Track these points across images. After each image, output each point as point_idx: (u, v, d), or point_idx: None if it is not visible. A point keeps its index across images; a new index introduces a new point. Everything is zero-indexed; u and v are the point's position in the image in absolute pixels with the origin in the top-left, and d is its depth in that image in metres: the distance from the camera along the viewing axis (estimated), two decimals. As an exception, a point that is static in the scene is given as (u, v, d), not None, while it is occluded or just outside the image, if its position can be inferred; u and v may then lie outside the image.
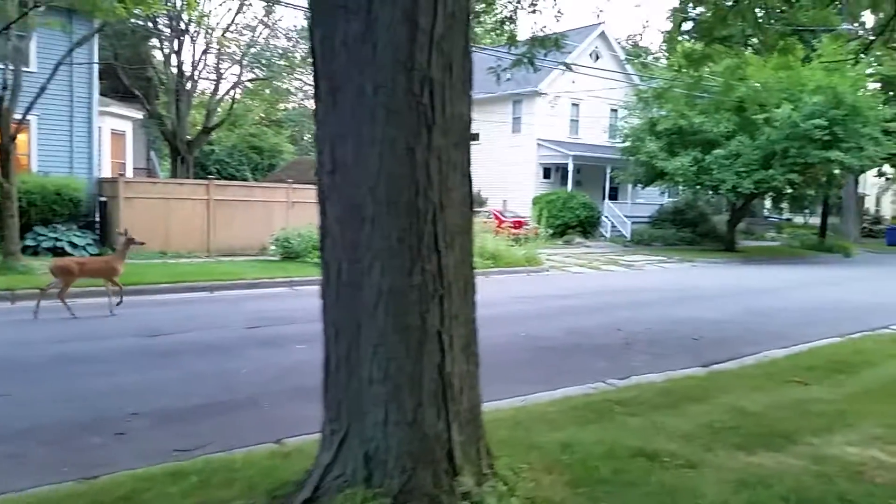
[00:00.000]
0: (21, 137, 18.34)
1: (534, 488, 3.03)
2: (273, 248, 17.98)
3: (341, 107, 2.51)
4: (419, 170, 2.49)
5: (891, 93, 28.44)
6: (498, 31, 10.55)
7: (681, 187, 27.43)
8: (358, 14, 2.48)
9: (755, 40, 10.96)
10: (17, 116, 13.61)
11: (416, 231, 2.49)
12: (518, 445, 3.96)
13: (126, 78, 28.05)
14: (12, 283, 11.99)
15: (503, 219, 27.30)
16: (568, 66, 11.53)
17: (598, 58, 32.42)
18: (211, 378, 6.92)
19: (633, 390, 5.91)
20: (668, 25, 40.35)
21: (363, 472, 2.47)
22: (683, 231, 30.99)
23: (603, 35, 33.05)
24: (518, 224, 26.40)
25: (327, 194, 2.56)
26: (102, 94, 28.95)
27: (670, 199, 33.93)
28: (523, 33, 12.19)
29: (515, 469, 3.11)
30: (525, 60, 11.03)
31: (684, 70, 10.45)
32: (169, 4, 25.07)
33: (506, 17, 10.17)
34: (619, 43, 33.41)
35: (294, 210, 20.02)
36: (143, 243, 11.71)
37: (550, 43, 10.91)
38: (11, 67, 13.59)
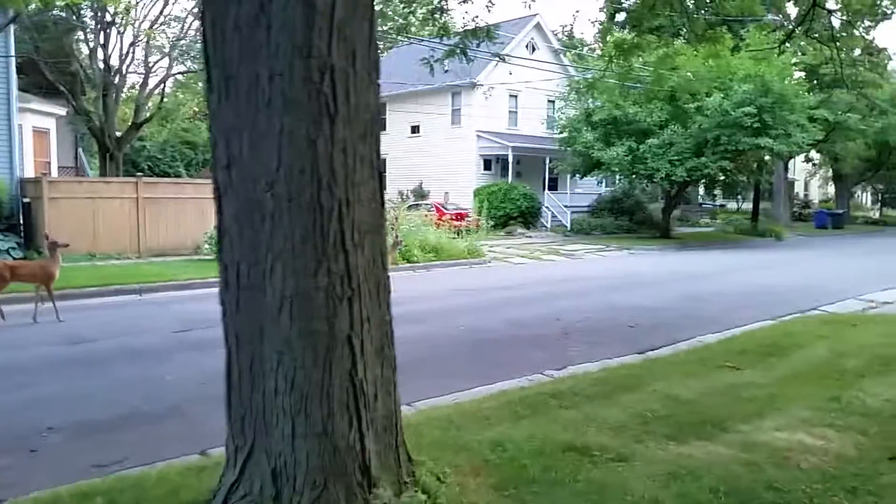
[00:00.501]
0: (-68, 136, 17.39)
1: (458, 494, 2.91)
2: (207, 246, 17.44)
3: (235, 97, 2.32)
4: (322, 163, 2.32)
5: (814, 81, 29.45)
6: (431, 22, 10.38)
7: (617, 177, 27.83)
8: (250, -5, 2.29)
9: (685, 30, 11.09)
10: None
11: (320, 229, 2.32)
12: (448, 446, 3.84)
13: (49, 73, 26.73)
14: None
15: (445, 211, 27.22)
16: (501, 58, 11.48)
17: (534, 49, 32.60)
18: (135, 386, 6.59)
19: (568, 381, 5.86)
20: (602, 16, 40.76)
21: (271, 489, 2.30)
22: (621, 219, 31.49)
23: (539, 27, 33.22)
24: (459, 216, 26.36)
25: (223, 191, 2.37)
26: (23, 89, 27.62)
27: (608, 189, 34.43)
28: (460, 24, 12.08)
29: (440, 474, 2.98)
30: (458, 51, 10.94)
31: (615, 60, 10.50)
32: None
33: (437, 7, 10.02)
34: (554, 34, 33.67)
35: (229, 207, 19.50)
36: (66, 245, 11.11)
37: (482, 34, 10.83)
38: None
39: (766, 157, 24.69)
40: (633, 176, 25.49)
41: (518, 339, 8.79)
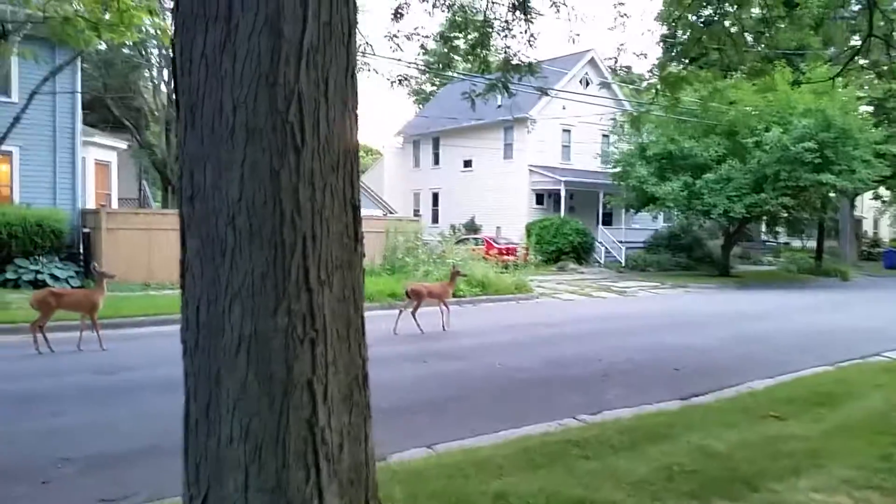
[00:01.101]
0: (2, 168, 18.24)
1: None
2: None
3: (199, 126, 2.22)
4: (285, 196, 2.19)
5: (882, 115, 28.30)
6: (473, 57, 10.37)
7: (674, 212, 27.18)
8: (217, 22, 2.20)
9: (734, 64, 10.74)
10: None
11: (281, 265, 2.18)
12: (447, 498, 3.61)
13: (115, 108, 28.09)
14: (-20, 317, 11.67)
15: (495, 245, 27.04)
16: (544, 92, 11.30)
17: (588, 84, 32.41)
18: (161, 418, 6.52)
19: (595, 429, 5.54)
20: (650, 49, 40.31)
21: (224, 544, 2.15)
22: (679, 256, 30.68)
23: (592, 61, 33.08)
24: (507, 251, 26.12)
25: (187, 224, 2.26)
26: (91, 124, 28.95)
27: (665, 224, 33.67)
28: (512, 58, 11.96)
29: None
30: (499, 86, 10.84)
31: (662, 94, 10.20)
32: (158, 34, 25.12)
33: (478, 41, 9.99)
34: (610, 69, 33.44)
35: (280, 239, 19.77)
36: (113, 276, 11.33)
37: (525, 69, 10.70)
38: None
39: (831, 194, 23.67)
40: (689, 211, 24.81)
41: (555, 380, 8.47)
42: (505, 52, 10.30)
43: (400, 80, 10.43)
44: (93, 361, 9.24)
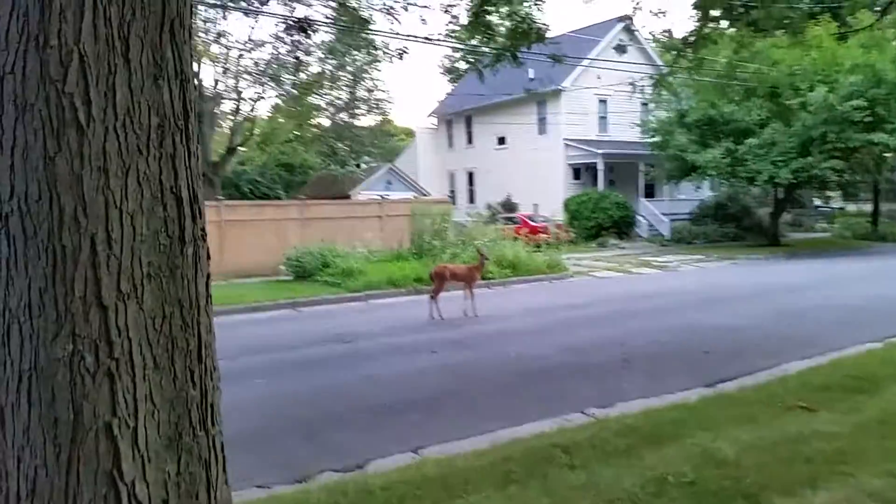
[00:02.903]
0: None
1: None
2: (284, 267, 17.46)
3: (-36, 105, 1.75)
4: (63, 188, 1.70)
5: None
6: (474, 26, 9.72)
7: (718, 181, 25.95)
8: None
9: (766, 17, 9.81)
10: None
11: (62, 279, 1.70)
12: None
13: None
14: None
15: (532, 224, 26.31)
16: (558, 59, 10.54)
17: (623, 51, 31.11)
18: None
19: (594, 428, 4.97)
20: (677, 8, 38.73)
21: None
22: (727, 227, 29.37)
23: (628, 28, 31.75)
24: (540, 229, 25.34)
25: (-38, 231, 1.79)
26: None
27: (712, 194, 32.33)
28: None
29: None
30: (507, 55, 10.18)
31: (682, 54, 9.43)
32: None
33: (479, 8, 9.32)
34: (650, 34, 32.06)
35: (309, 227, 19.55)
36: None
37: (533, 35, 10.01)
38: None
39: (885, 154, 22.17)
40: (733, 179, 23.60)
41: (570, 369, 7.88)
42: (511, 18, 9.65)
43: (400, 55, 9.84)
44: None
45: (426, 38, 10.19)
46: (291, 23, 9.52)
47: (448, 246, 18.36)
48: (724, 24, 10.82)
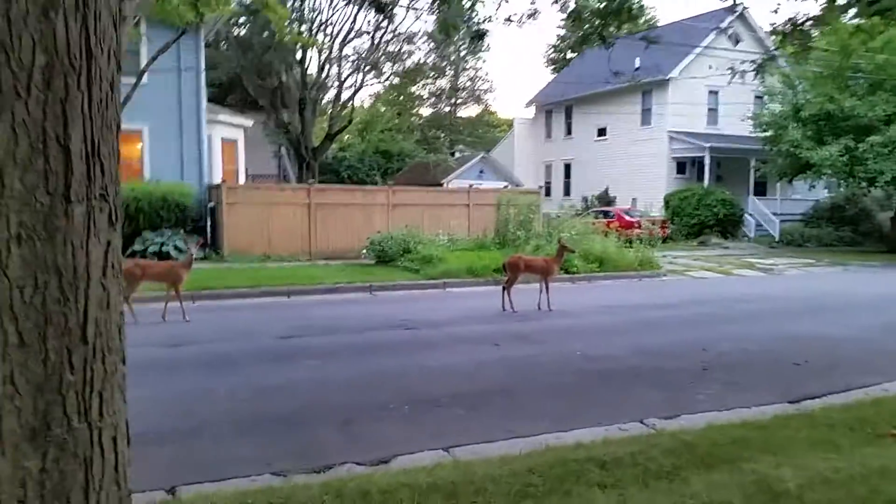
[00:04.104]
0: (134, 146, 19.26)
1: None
2: (366, 251, 17.51)
3: None
4: None
5: None
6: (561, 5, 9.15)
7: (834, 181, 23.98)
8: None
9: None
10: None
11: None
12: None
13: (252, 88, 29.03)
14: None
15: (627, 218, 25.28)
16: (652, 41, 9.77)
17: (738, 41, 29.25)
18: (180, 399, 6.20)
19: (640, 443, 4.45)
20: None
21: None
22: (842, 230, 27.25)
23: (742, 16, 29.82)
24: (631, 224, 24.26)
25: None
26: (230, 104, 30.20)
27: (828, 195, 30.03)
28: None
29: None
30: (595, 36, 9.57)
31: (792, 40, 8.51)
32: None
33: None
34: (771, 27, 29.98)
35: (395, 212, 19.54)
36: (201, 244, 11.29)
37: (624, 15, 9.35)
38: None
39: None
40: (850, 179, 21.71)
41: (638, 373, 7.29)
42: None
43: (481, 35, 9.45)
44: (166, 333, 9.21)
45: (508, 19, 9.66)
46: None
47: (533, 237, 17.84)
48: (851, 12, 9.77)
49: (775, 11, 20.30)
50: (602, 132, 33.67)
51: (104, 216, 1.74)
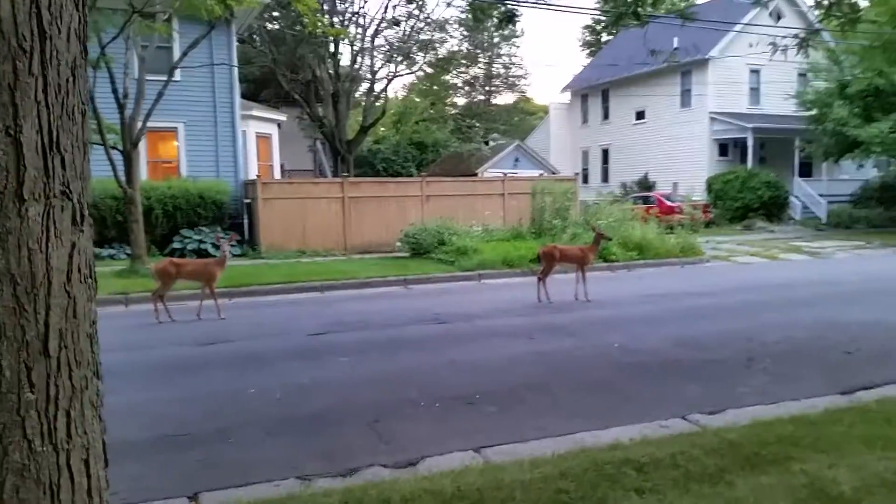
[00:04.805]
0: (171, 144, 19.44)
1: None
2: (400, 244, 17.38)
3: None
4: None
5: None
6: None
7: (886, 159, 23.02)
8: None
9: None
10: (140, 124, 14.00)
11: None
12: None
13: (285, 82, 29.11)
14: (129, 286, 12.25)
15: (667, 204, 24.68)
16: (687, 17, 9.37)
17: (780, 17, 28.32)
18: (208, 399, 6.11)
19: (682, 442, 4.18)
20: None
21: None
22: (893, 210, 26.17)
23: (785, -8, 28.88)
24: (672, 209, 23.66)
25: None
26: (265, 99, 30.35)
27: (877, 174, 28.90)
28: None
29: None
30: (629, 13, 9.20)
31: (834, 15, 8.05)
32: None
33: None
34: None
35: (429, 204, 19.37)
36: (226, 251, 10.97)
37: (659, -10, 8.97)
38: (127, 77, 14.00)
39: None
40: (902, 157, 20.86)
41: (680, 366, 6.98)
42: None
43: (510, 18, 9.18)
44: (200, 331, 9.19)
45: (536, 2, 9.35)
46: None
47: (570, 225, 17.48)
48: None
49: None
50: (640, 115, 32.94)
51: (66, 216, 1.58)
